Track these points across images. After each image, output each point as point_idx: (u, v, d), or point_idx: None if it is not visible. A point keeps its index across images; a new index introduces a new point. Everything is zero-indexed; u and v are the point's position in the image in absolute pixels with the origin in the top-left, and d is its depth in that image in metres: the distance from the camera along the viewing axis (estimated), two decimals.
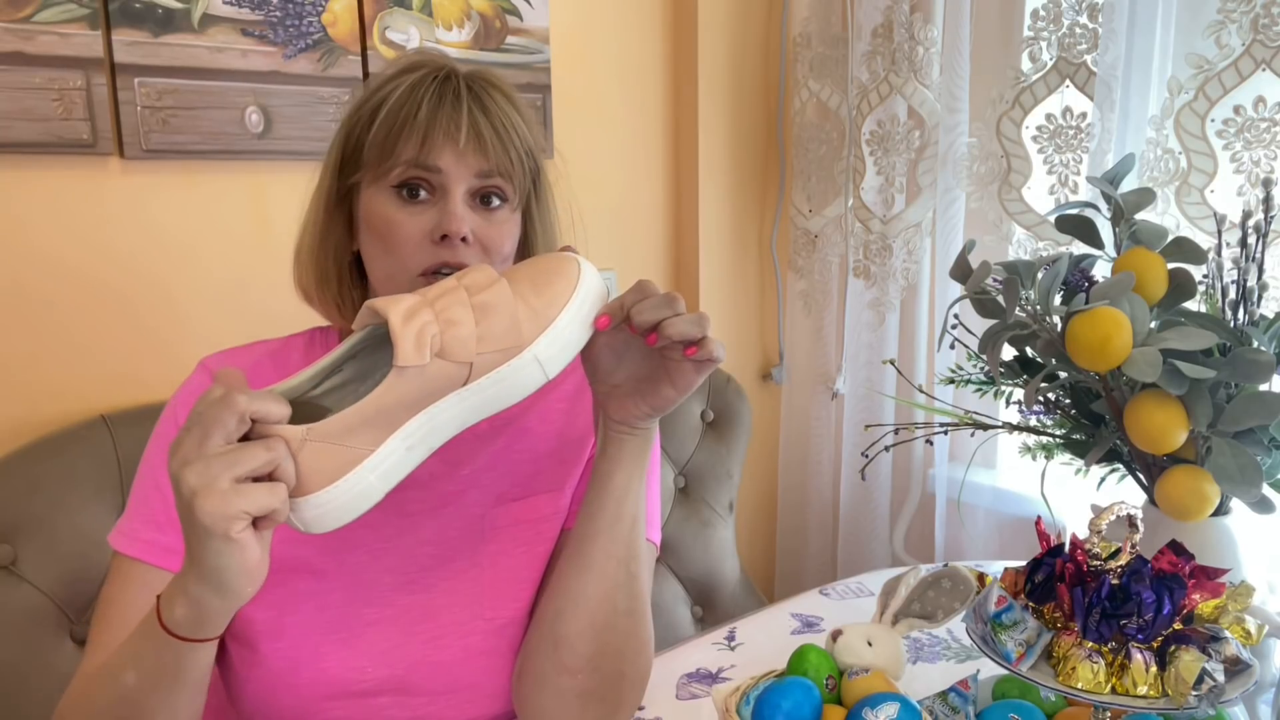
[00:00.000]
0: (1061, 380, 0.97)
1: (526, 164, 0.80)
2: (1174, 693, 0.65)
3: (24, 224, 1.16)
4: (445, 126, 0.76)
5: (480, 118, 0.77)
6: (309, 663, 0.78)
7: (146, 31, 1.19)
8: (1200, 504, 0.88)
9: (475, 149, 0.77)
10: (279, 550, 0.80)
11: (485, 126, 0.77)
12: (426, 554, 0.82)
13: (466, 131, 0.76)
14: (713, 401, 1.67)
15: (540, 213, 0.86)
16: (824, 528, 1.86)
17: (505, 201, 0.80)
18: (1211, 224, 1.13)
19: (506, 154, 0.78)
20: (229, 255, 1.31)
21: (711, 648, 1.07)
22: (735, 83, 1.79)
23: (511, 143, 0.79)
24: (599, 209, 1.70)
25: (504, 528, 0.84)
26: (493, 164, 0.77)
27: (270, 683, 0.78)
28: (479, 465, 0.85)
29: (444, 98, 0.77)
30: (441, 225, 0.76)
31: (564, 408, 0.89)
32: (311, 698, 0.78)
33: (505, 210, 0.80)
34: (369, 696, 0.79)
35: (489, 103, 0.78)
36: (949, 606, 0.84)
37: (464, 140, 0.76)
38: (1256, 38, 1.15)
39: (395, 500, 0.83)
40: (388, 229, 0.78)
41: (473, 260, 0.77)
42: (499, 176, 0.78)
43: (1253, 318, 0.93)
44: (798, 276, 1.84)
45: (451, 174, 0.77)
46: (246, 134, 1.28)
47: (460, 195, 0.77)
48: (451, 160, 0.77)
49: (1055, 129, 1.37)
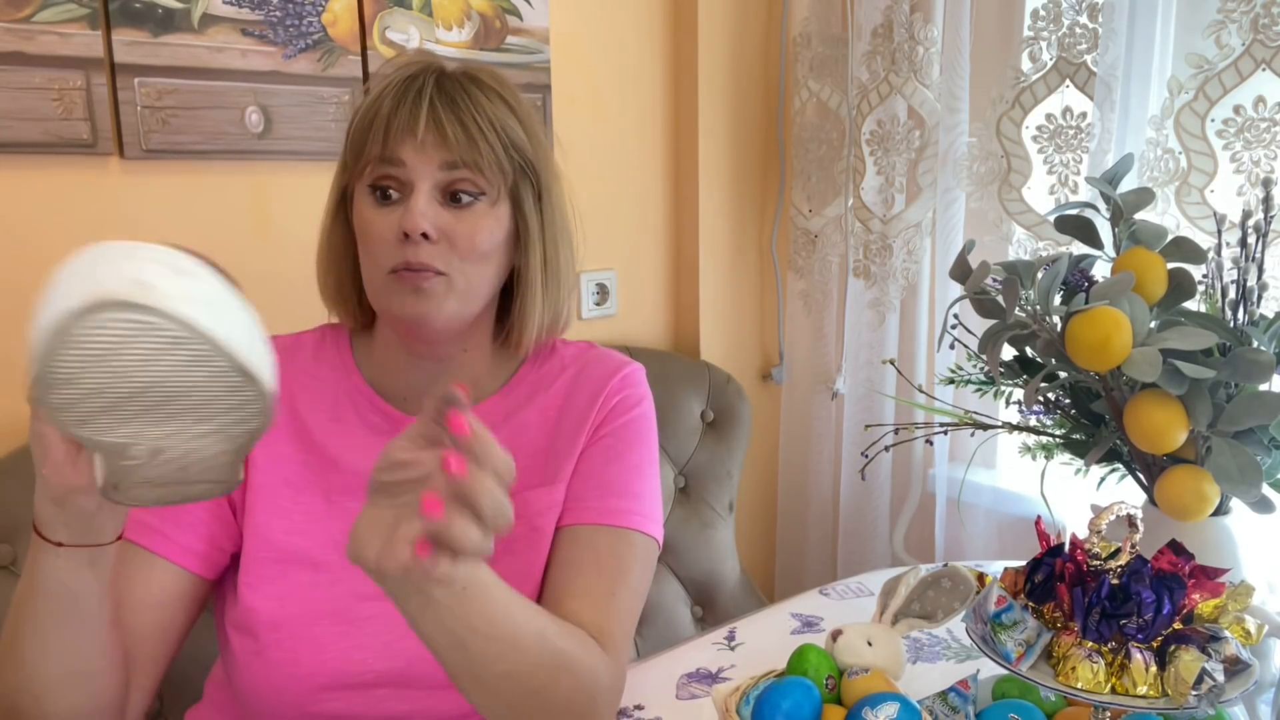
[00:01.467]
0: (1061, 380, 0.97)
1: (506, 156, 0.79)
2: (1174, 693, 0.65)
3: (24, 224, 1.16)
4: (403, 119, 0.76)
5: (444, 110, 0.77)
6: (309, 653, 0.79)
7: (146, 31, 1.19)
8: (1200, 504, 0.88)
9: (436, 141, 0.76)
10: (281, 541, 0.81)
11: (447, 117, 0.77)
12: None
13: (425, 122, 0.76)
14: (713, 401, 1.67)
15: (545, 210, 0.84)
16: (824, 528, 1.86)
17: (479, 196, 0.79)
18: (1211, 224, 1.13)
19: (474, 145, 0.77)
20: (229, 255, 1.29)
21: (711, 648, 1.07)
22: (735, 83, 1.79)
23: (480, 133, 0.78)
24: (599, 209, 1.70)
25: None
26: (456, 155, 0.77)
27: (271, 673, 0.79)
28: None
29: (408, 92, 0.77)
30: (402, 223, 0.76)
31: (560, 402, 0.90)
32: (312, 688, 0.79)
33: (481, 205, 0.79)
34: (369, 688, 0.80)
35: (459, 96, 0.78)
36: (949, 606, 0.84)
37: (422, 131, 0.76)
38: (1256, 38, 1.15)
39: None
40: (364, 230, 0.79)
41: (437, 259, 0.77)
42: (465, 168, 0.78)
43: (1253, 318, 0.93)
44: (798, 276, 1.84)
45: (414, 168, 0.77)
46: (246, 134, 1.28)
47: (425, 191, 0.77)
48: (411, 153, 0.77)
49: (1055, 129, 1.37)
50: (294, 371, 0.87)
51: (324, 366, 0.88)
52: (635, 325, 1.80)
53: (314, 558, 0.81)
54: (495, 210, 0.80)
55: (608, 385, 0.90)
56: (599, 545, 0.84)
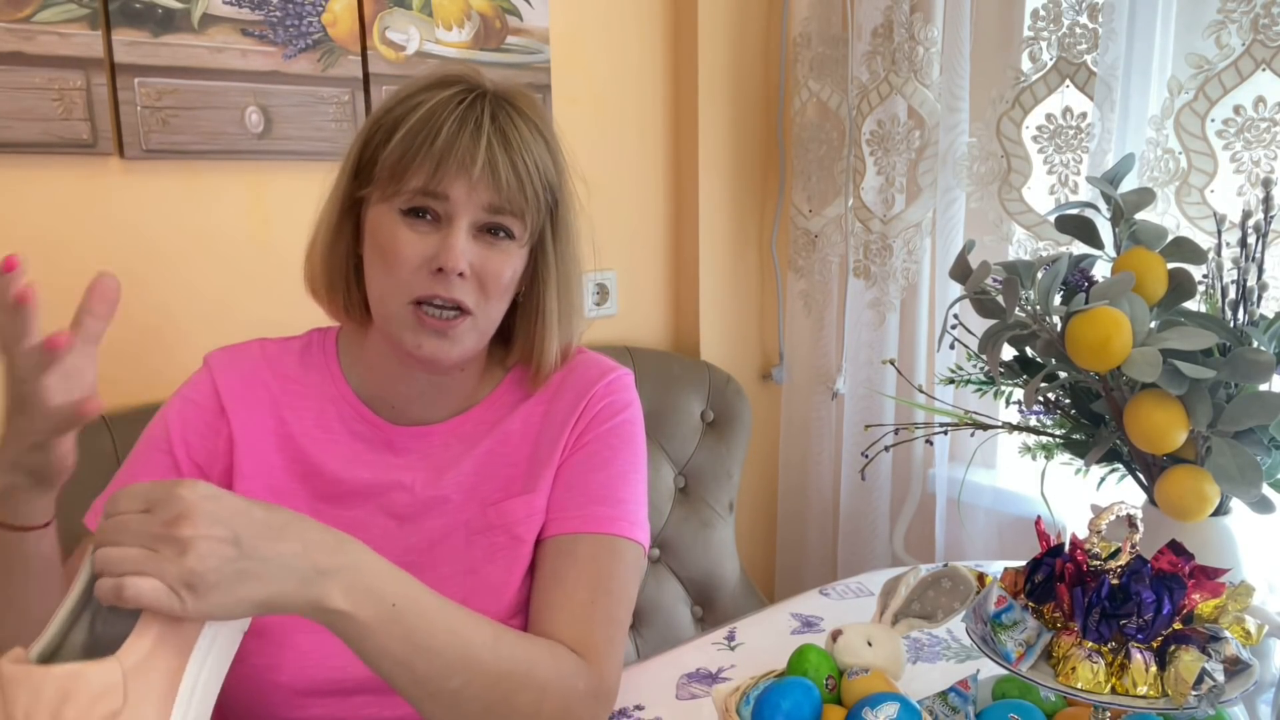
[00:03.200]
0: (1061, 380, 0.97)
1: (543, 199, 0.79)
2: (1174, 693, 0.65)
3: (24, 224, 1.16)
4: (460, 157, 0.75)
5: (499, 151, 0.75)
6: (291, 660, 0.79)
7: (146, 31, 1.19)
8: (1200, 504, 0.88)
9: (488, 184, 0.75)
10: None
11: (502, 160, 0.75)
12: (412, 559, 0.83)
13: (482, 165, 0.74)
14: (713, 401, 1.67)
15: (558, 246, 0.84)
16: (824, 528, 1.86)
17: (513, 238, 0.79)
18: (1211, 224, 1.13)
19: (521, 191, 0.77)
20: (229, 255, 1.31)
21: (711, 648, 1.07)
22: (735, 83, 1.79)
23: (529, 179, 0.77)
24: (599, 209, 1.69)
25: (485, 532, 0.85)
26: (504, 200, 0.76)
27: (253, 679, 0.79)
28: (463, 470, 0.85)
29: (465, 125, 0.75)
30: (439, 258, 0.75)
31: (543, 410, 0.89)
32: (293, 694, 0.79)
33: (512, 245, 0.79)
34: (350, 695, 0.80)
35: (511, 133, 0.77)
36: (949, 606, 0.84)
37: (478, 173, 0.75)
38: (1256, 38, 1.15)
39: (384, 503, 0.84)
40: (390, 248, 0.77)
41: (467, 295, 0.77)
42: (509, 215, 0.77)
43: (1253, 318, 0.93)
44: (798, 276, 1.84)
45: (459, 204, 0.76)
46: (246, 134, 1.28)
47: (464, 227, 0.76)
48: (462, 191, 0.75)
49: (1055, 129, 1.37)
50: (281, 379, 0.86)
51: (311, 373, 0.88)
52: (635, 325, 1.80)
53: None
54: (522, 250, 0.81)
55: (591, 391, 0.89)
56: (580, 554, 0.83)
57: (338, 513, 0.83)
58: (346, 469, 0.84)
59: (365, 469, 0.84)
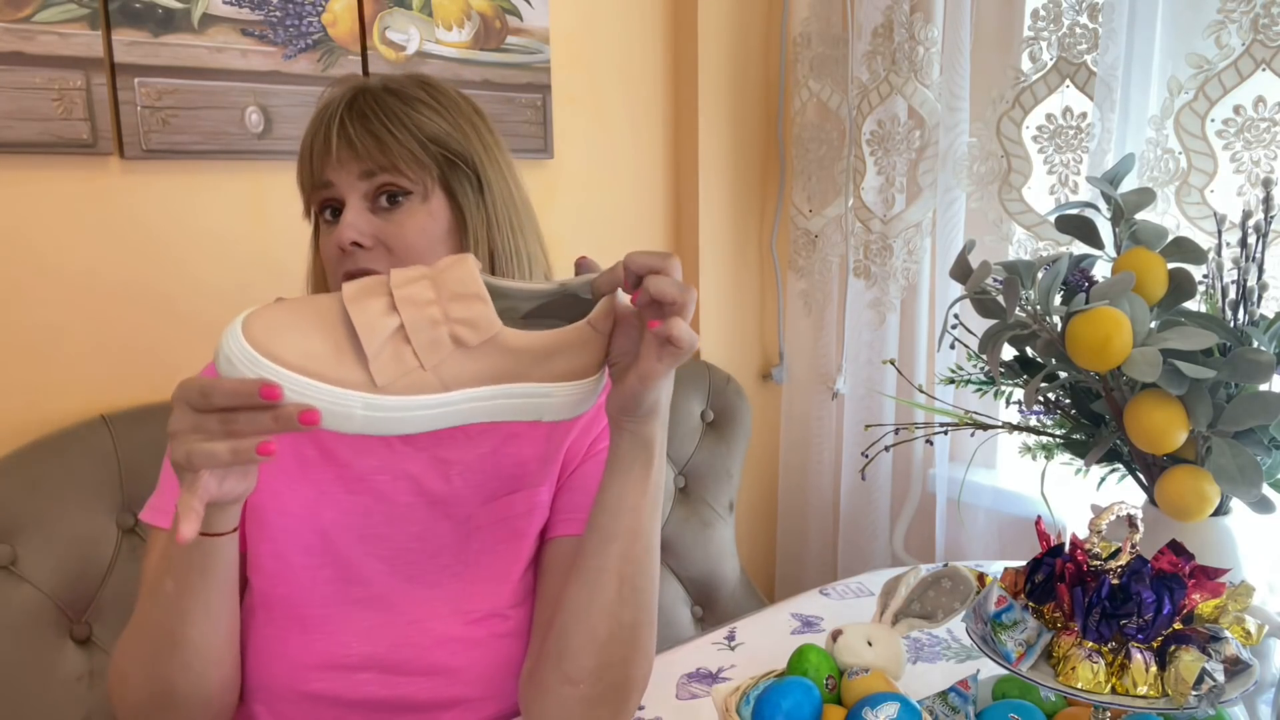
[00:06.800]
0: (1061, 380, 0.97)
1: (423, 150, 0.80)
2: (1174, 693, 0.65)
3: (24, 224, 1.16)
4: (320, 144, 0.80)
5: (353, 125, 0.79)
6: (296, 632, 0.82)
7: (146, 31, 1.19)
8: (1200, 504, 0.88)
9: (350, 155, 0.79)
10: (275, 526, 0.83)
11: (356, 131, 0.79)
12: (414, 547, 0.85)
13: (337, 140, 0.79)
14: (713, 401, 1.67)
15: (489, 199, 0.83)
16: (824, 528, 1.86)
17: (406, 195, 0.80)
18: (1211, 224, 1.13)
19: (384, 147, 0.78)
20: (228, 255, 1.31)
21: (711, 648, 1.07)
22: (735, 83, 1.79)
23: (389, 134, 0.79)
24: (599, 209, 1.70)
25: (487, 526, 0.87)
26: (372, 162, 0.78)
27: (261, 648, 0.82)
28: (468, 464, 0.87)
29: (322, 120, 0.81)
30: (335, 238, 0.79)
31: None
32: (299, 666, 0.82)
33: (412, 203, 0.80)
34: (352, 671, 0.83)
35: (368, 109, 0.80)
36: (949, 606, 0.84)
37: (335, 150, 0.79)
38: (1256, 38, 1.15)
39: (389, 489, 0.85)
40: (322, 251, 0.83)
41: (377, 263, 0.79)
42: (383, 172, 0.79)
43: (1253, 318, 0.93)
44: (798, 276, 1.84)
45: (339, 185, 0.80)
46: (246, 134, 1.28)
47: (354, 203, 0.79)
48: (333, 172, 0.79)
49: (1055, 129, 1.37)
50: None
51: None
52: None
53: (306, 542, 0.84)
54: (428, 205, 0.80)
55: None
56: None
57: (345, 497, 0.85)
58: (356, 456, 0.86)
59: (373, 456, 0.86)
